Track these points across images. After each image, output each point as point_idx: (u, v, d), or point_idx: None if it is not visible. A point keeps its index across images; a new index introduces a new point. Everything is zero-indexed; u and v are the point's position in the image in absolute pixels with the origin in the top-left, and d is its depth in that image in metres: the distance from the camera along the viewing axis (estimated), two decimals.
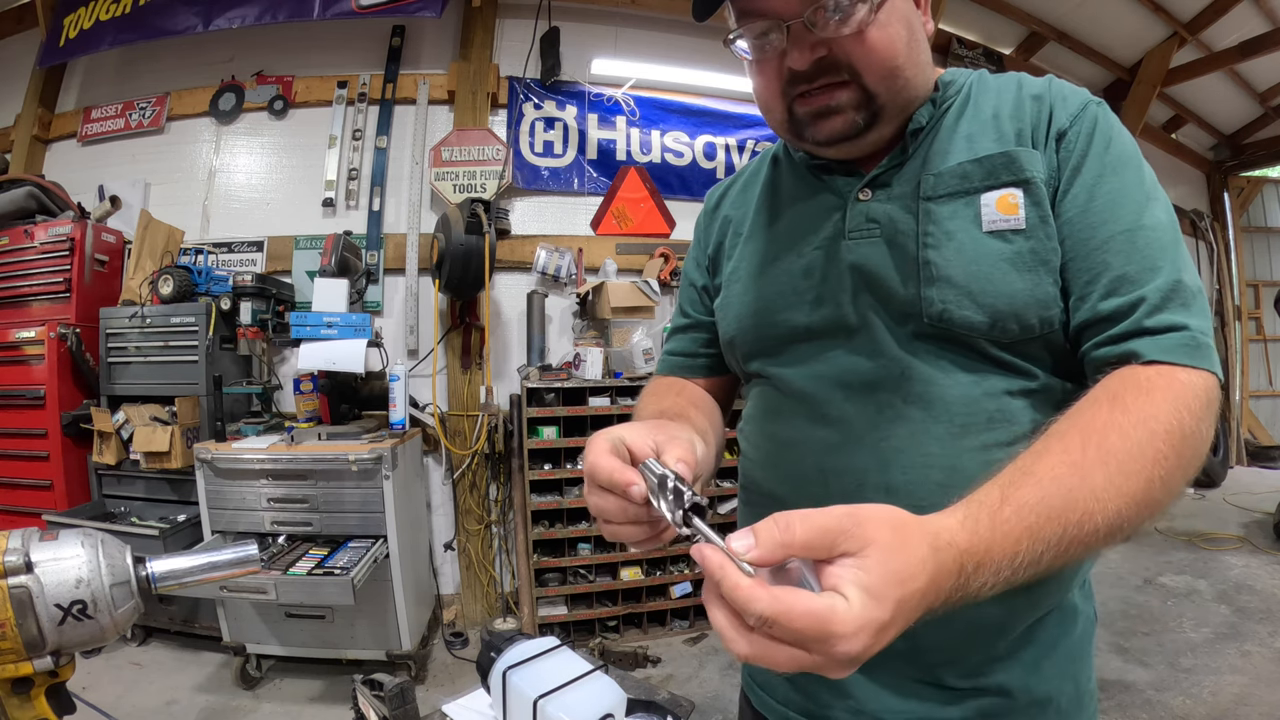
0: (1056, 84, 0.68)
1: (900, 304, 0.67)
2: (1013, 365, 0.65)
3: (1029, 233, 0.63)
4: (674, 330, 0.96)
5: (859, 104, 0.65)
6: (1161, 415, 0.52)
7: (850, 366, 0.70)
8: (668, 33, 3.74)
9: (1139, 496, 0.49)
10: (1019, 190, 0.64)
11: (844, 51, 0.63)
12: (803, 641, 0.37)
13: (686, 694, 1.10)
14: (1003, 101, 0.69)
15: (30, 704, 0.54)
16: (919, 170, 0.69)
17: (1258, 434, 6.60)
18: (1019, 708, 0.69)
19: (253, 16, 3.25)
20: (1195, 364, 0.56)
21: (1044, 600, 0.69)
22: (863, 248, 0.70)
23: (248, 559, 0.63)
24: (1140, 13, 4.44)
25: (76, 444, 3.01)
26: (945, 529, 0.44)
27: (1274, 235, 6.96)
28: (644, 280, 3.36)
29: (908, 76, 0.66)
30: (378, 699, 1.02)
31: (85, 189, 3.42)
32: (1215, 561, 3.83)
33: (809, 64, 0.63)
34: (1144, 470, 0.50)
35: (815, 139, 0.68)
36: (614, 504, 0.54)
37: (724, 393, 0.93)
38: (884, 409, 0.68)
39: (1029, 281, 0.62)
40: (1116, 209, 0.61)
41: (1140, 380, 0.55)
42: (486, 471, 3.36)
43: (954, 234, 0.65)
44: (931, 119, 0.70)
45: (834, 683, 0.73)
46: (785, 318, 0.75)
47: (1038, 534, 0.46)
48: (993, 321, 0.63)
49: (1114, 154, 0.63)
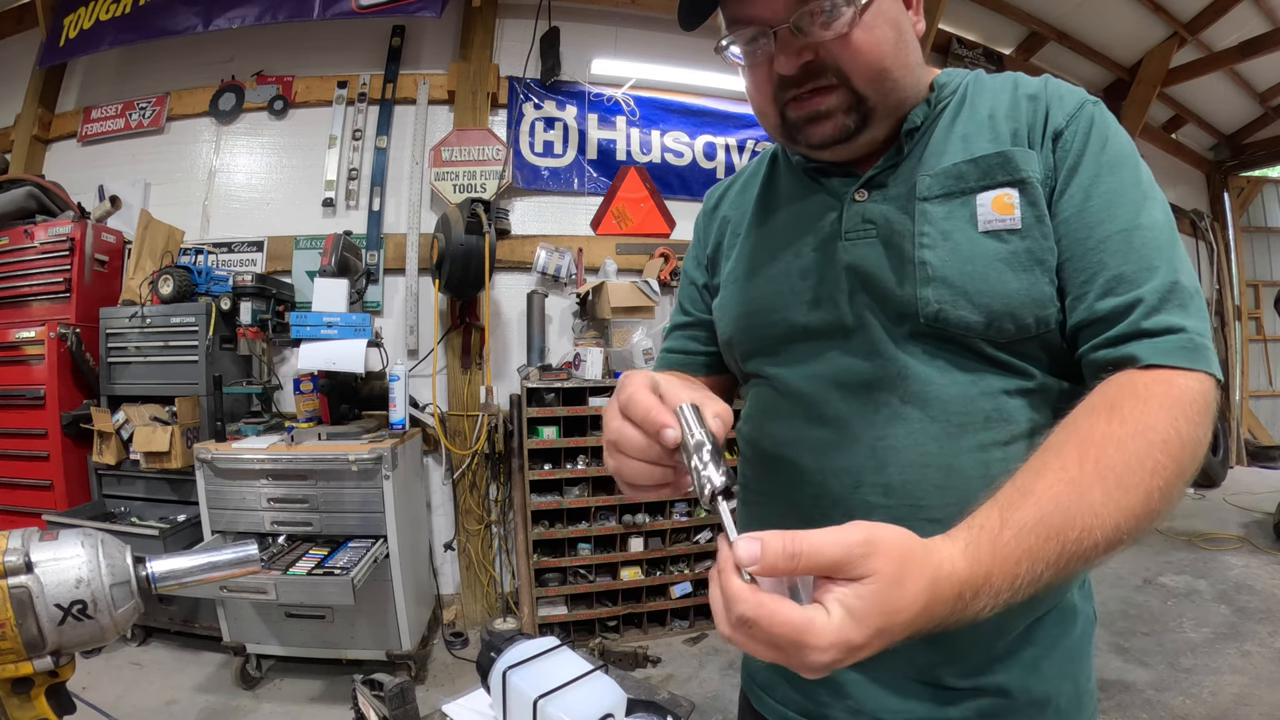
0: (1053, 83, 0.68)
1: (896, 304, 0.67)
2: (1009, 365, 0.65)
3: (1025, 232, 0.63)
4: (673, 328, 0.95)
5: (849, 107, 0.65)
6: (1159, 425, 0.52)
7: (847, 366, 0.70)
8: (668, 33, 3.74)
9: (1137, 509, 0.49)
10: (1014, 190, 0.64)
11: (831, 55, 0.63)
12: (776, 644, 0.39)
13: (686, 694, 1.10)
14: (998, 102, 0.68)
15: (30, 704, 0.54)
16: (914, 170, 0.68)
17: (1258, 434, 6.60)
18: (1018, 708, 0.69)
19: (253, 16, 3.25)
20: (1193, 366, 0.56)
21: (1042, 601, 0.69)
22: (859, 248, 0.70)
23: (248, 559, 0.63)
24: (1140, 13, 4.44)
25: (76, 444, 3.01)
26: (948, 559, 0.45)
27: (1274, 235, 6.96)
28: (644, 280, 3.36)
29: (896, 78, 0.66)
30: (378, 699, 1.02)
31: (85, 189, 3.42)
32: (1215, 561, 3.83)
33: (796, 69, 0.63)
34: (1142, 483, 0.50)
35: (808, 143, 0.69)
36: (639, 439, 0.53)
37: (723, 392, 0.92)
38: (881, 408, 0.68)
39: (1025, 281, 0.62)
40: (1113, 209, 0.61)
41: (1138, 387, 0.55)
42: (486, 471, 3.37)
43: (950, 234, 0.65)
44: (927, 119, 0.70)
45: (832, 683, 0.73)
46: (782, 318, 0.75)
47: (1037, 555, 0.46)
48: (988, 321, 0.63)
49: (1110, 153, 0.63)
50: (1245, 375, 6.63)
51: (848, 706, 0.73)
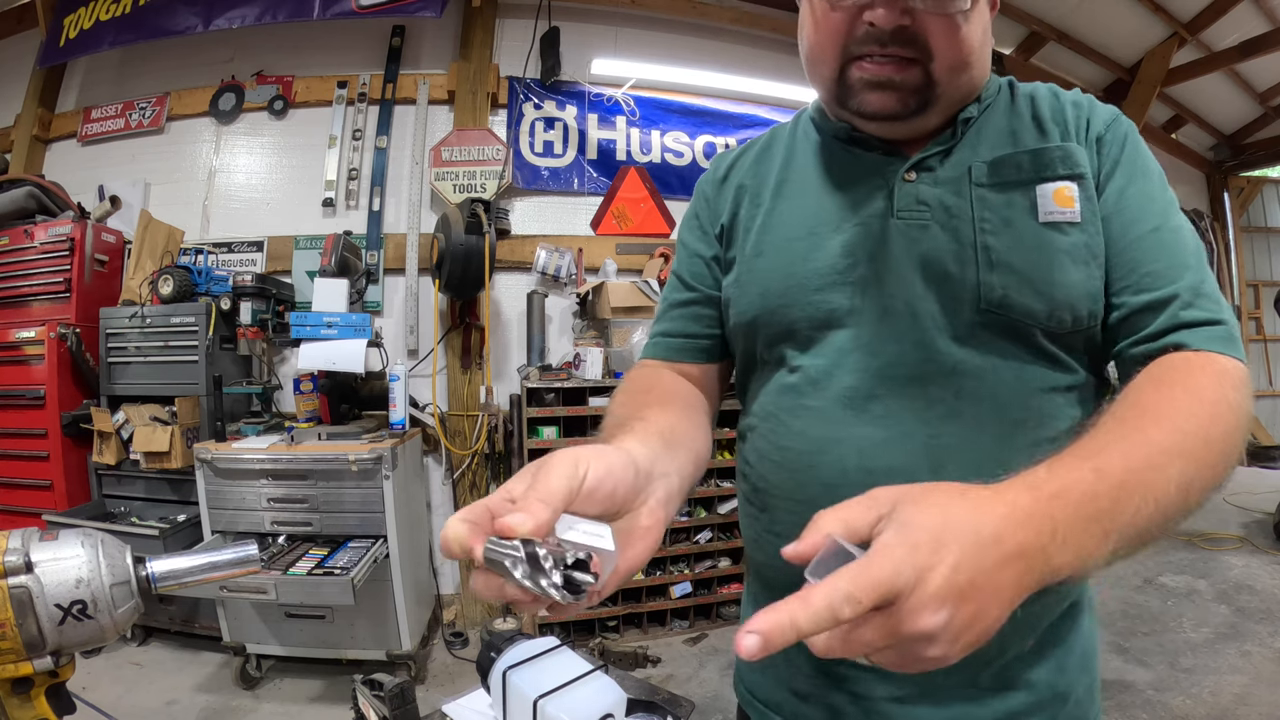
0: (1089, 96, 0.71)
1: (955, 289, 0.65)
2: (1058, 359, 0.65)
3: (1083, 226, 0.64)
4: (671, 305, 0.83)
5: (918, 86, 0.64)
6: (1208, 387, 0.54)
7: (896, 357, 0.65)
8: (668, 33, 3.74)
9: (1199, 454, 0.49)
10: (1074, 184, 0.65)
11: (927, 30, 0.62)
12: (884, 632, 0.36)
13: (686, 694, 1.09)
14: (1040, 104, 0.70)
15: (30, 704, 0.54)
16: (968, 158, 0.68)
17: (1258, 434, 6.60)
18: (1044, 703, 0.69)
19: (253, 16, 3.24)
20: (1231, 354, 0.58)
21: (1070, 589, 0.70)
22: (913, 229, 0.67)
23: (248, 559, 0.63)
24: (1140, 13, 4.43)
25: (76, 444, 3.01)
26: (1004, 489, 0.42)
27: (1274, 235, 6.95)
28: (644, 280, 3.36)
29: (971, 75, 0.67)
30: (378, 699, 1.02)
31: (85, 189, 3.41)
32: (1215, 561, 3.83)
33: (893, 24, 0.61)
34: (1200, 431, 0.50)
35: (861, 109, 0.66)
36: (488, 583, 0.41)
37: (720, 382, 0.84)
38: (934, 404, 0.64)
39: (1083, 274, 0.63)
40: (1145, 210, 0.64)
41: (1179, 363, 0.57)
42: (486, 471, 3.36)
43: (1011, 221, 0.65)
44: (979, 113, 0.71)
45: (855, 694, 0.70)
46: (822, 298, 0.69)
47: (1130, 487, 0.44)
48: (1050, 311, 0.63)
49: (1142, 162, 0.66)
50: None
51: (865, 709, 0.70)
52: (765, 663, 0.73)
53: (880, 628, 0.36)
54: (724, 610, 3.28)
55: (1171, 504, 0.46)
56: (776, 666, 0.78)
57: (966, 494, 0.41)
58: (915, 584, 0.35)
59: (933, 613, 0.35)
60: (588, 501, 0.45)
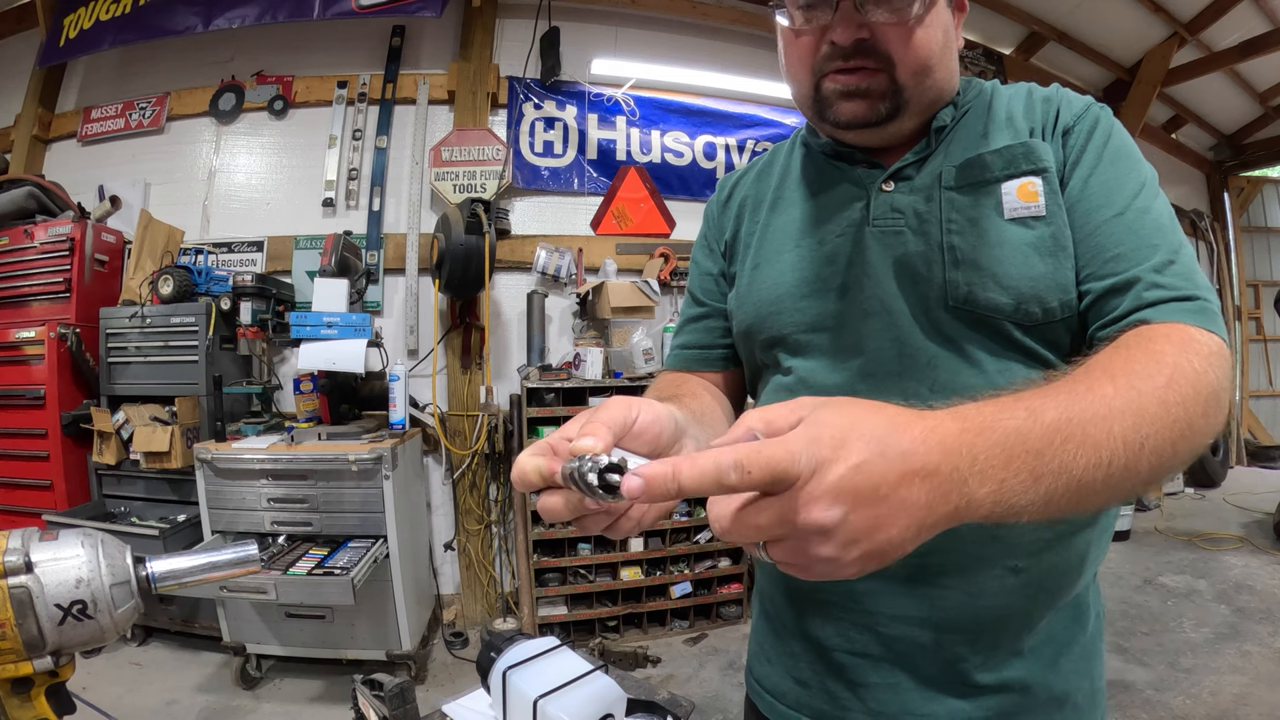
0: (1063, 90, 0.73)
1: (925, 289, 0.68)
2: (1035, 352, 0.66)
3: (1049, 219, 0.65)
4: (686, 320, 0.92)
5: (885, 93, 0.67)
6: (1168, 352, 0.52)
7: (875, 356, 0.70)
8: (668, 33, 3.74)
9: (1153, 414, 0.46)
10: (1038, 178, 0.66)
11: (884, 40, 0.65)
12: (772, 515, 0.36)
13: (686, 694, 1.10)
14: (1015, 105, 0.73)
15: (30, 704, 0.54)
16: (940, 165, 0.71)
17: (1258, 434, 6.60)
18: (1038, 704, 0.69)
19: (253, 16, 3.24)
20: (1203, 325, 0.56)
21: (1065, 589, 0.70)
22: (888, 236, 0.71)
23: (248, 559, 0.63)
24: (1140, 13, 4.43)
25: (76, 444, 3.01)
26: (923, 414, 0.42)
27: (1274, 235, 6.95)
28: (644, 280, 3.36)
29: (936, 78, 0.69)
30: (378, 699, 1.02)
31: (85, 189, 3.41)
32: (1215, 561, 3.83)
33: (851, 41, 0.65)
34: (1155, 392, 0.47)
35: (836, 119, 0.70)
36: (566, 499, 0.45)
37: (738, 388, 0.90)
38: (910, 397, 0.67)
39: (1050, 265, 0.64)
40: (1111, 195, 0.64)
41: (1144, 332, 0.56)
42: (486, 471, 3.36)
43: (977, 220, 0.67)
44: (954, 120, 0.73)
45: (853, 682, 0.73)
46: (808, 304, 0.74)
47: (1068, 434, 0.43)
48: (1017, 304, 0.65)
49: (1111, 148, 0.67)
50: (1245, 375, 6.62)
51: (869, 708, 0.72)
52: (770, 655, 0.83)
53: (772, 511, 0.36)
54: (724, 610, 3.28)
55: (1117, 460, 0.44)
56: (781, 658, 0.82)
57: (886, 409, 0.41)
58: (813, 473, 0.35)
59: (826, 506, 0.35)
60: (637, 440, 0.50)
